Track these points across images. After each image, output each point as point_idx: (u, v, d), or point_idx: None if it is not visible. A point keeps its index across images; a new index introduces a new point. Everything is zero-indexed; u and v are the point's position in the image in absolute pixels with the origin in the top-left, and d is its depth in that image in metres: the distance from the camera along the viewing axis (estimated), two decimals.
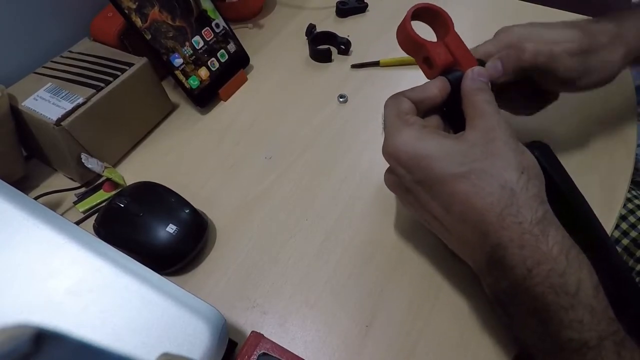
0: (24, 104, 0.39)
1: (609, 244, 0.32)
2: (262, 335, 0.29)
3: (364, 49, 0.54)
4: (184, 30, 0.46)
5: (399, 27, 0.32)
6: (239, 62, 0.52)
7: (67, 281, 0.24)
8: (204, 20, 0.48)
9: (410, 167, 0.28)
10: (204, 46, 0.48)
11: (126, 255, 0.26)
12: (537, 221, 0.25)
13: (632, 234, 0.45)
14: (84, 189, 0.42)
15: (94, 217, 0.38)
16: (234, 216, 0.39)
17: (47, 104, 0.39)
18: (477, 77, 0.30)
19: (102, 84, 0.40)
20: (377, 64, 0.52)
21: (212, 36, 0.49)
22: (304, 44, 0.55)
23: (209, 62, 0.49)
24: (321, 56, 0.53)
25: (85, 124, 0.39)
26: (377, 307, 0.33)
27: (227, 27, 0.50)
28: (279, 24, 0.59)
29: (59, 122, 0.37)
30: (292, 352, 0.29)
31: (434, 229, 0.30)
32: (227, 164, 0.44)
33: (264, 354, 0.28)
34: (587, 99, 0.38)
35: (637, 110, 0.45)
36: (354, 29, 0.57)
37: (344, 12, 0.59)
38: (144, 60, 0.43)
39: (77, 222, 0.39)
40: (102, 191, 0.41)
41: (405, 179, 0.29)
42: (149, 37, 0.43)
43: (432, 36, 0.32)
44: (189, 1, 0.46)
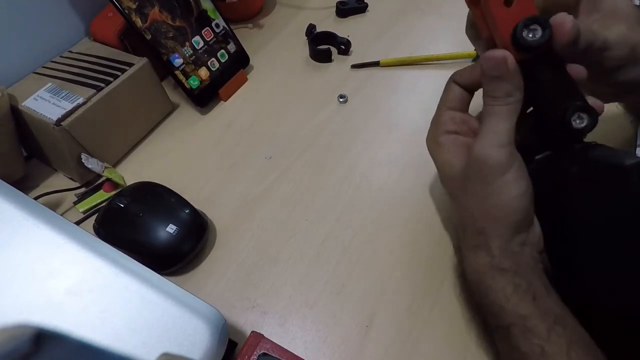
0: (24, 104, 0.39)
1: None
2: (262, 335, 0.29)
3: (364, 49, 0.54)
4: (184, 30, 0.46)
5: None
6: (239, 62, 0.52)
7: (67, 281, 0.24)
8: (204, 20, 0.48)
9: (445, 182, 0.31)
10: (204, 46, 0.48)
11: (126, 255, 0.26)
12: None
13: None
14: (84, 189, 0.42)
15: (94, 217, 0.38)
16: (234, 216, 0.39)
17: (47, 104, 0.39)
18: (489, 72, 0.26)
19: (102, 84, 0.40)
20: (377, 64, 0.52)
21: (212, 36, 0.49)
22: (304, 44, 0.55)
23: (209, 62, 0.49)
24: (321, 56, 0.53)
25: (85, 124, 0.39)
26: (377, 307, 0.33)
27: (227, 27, 0.50)
28: (279, 24, 0.59)
29: (59, 122, 0.37)
30: (292, 352, 0.29)
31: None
32: (227, 164, 0.44)
33: (264, 354, 0.28)
34: None
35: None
36: (354, 29, 0.57)
37: (344, 12, 0.59)
38: (144, 60, 0.43)
39: (77, 222, 0.39)
40: (102, 191, 0.41)
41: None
42: (149, 37, 0.43)
43: None
44: (189, 1, 0.46)
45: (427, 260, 0.35)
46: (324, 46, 0.54)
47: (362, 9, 0.59)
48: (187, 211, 0.36)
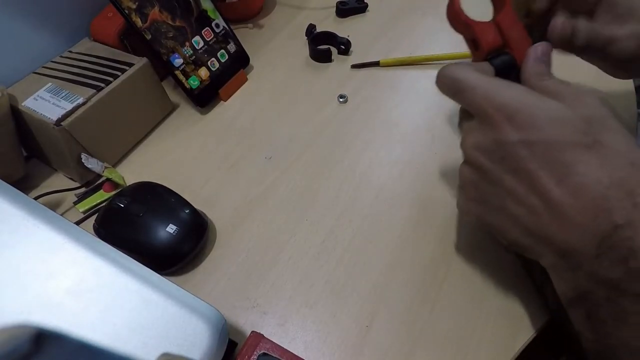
0: (24, 104, 0.39)
1: None
2: (262, 335, 0.29)
3: (364, 49, 0.54)
4: (184, 30, 0.46)
5: (448, 4, 0.29)
6: (239, 62, 0.52)
7: (67, 281, 0.24)
8: (204, 20, 0.48)
9: (524, 124, 0.24)
10: (204, 46, 0.48)
11: (126, 255, 0.26)
12: None
13: None
14: (84, 189, 0.42)
15: (94, 217, 0.38)
16: (234, 216, 0.39)
17: (47, 104, 0.39)
18: (541, 58, 0.27)
19: (102, 84, 0.40)
20: (377, 64, 0.52)
21: (212, 36, 0.49)
22: (304, 44, 0.55)
23: (209, 62, 0.49)
24: (321, 56, 0.53)
25: (85, 124, 0.39)
26: (377, 307, 0.33)
27: (227, 27, 0.50)
28: (279, 24, 0.59)
29: (59, 122, 0.37)
30: (292, 352, 0.29)
31: (513, 209, 0.25)
32: (227, 164, 0.44)
33: (264, 354, 0.28)
34: None
35: (637, 110, 0.45)
36: (354, 29, 0.57)
37: (344, 12, 0.59)
38: (144, 60, 0.43)
39: (77, 222, 0.39)
40: (102, 191, 0.41)
41: (509, 139, 0.24)
42: (149, 37, 0.43)
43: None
44: (189, 1, 0.46)
45: (427, 260, 0.35)
46: (324, 46, 0.54)
47: (362, 9, 0.59)
48: (187, 211, 0.36)
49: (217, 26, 0.49)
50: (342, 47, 0.53)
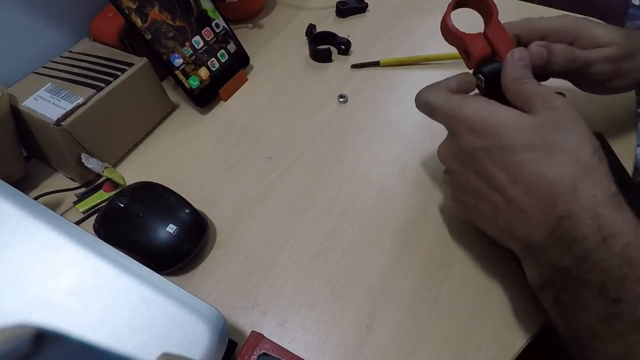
0: (24, 104, 0.39)
1: None
2: (262, 335, 0.29)
3: (364, 49, 0.54)
4: (184, 30, 0.46)
5: (441, 20, 0.32)
6: (239, 62, 0.52)
7: (67, 281, 0.24)
8: (204, 20, 0.48)
9: (481, 132, 0.27)
10: (204, 46, 0.48)
11: (126, 255, 0.26)
12: (611, 195, 0.24)
13: None
14: (84, 189, 0.42)
15: (94, 217, 0.38)
16: (234, 216, 0.39)
17: (47, 104, 0.39)
18: (517, 64, 0.29)
19: (102, 84, 0.40)
20: (377, 64, 0.52)
21: (212, 36, 0.49)
22: (304, 44, 0.55)
23: (209, 62, 0.49)
24: (321, 56, 0.53)
25: (85, 124, 0.39)
26: (377, 307, 0.33)
27: (227, 27, 0.50)
28: (279, 24, 0.59)
29: (59, 122, 0.37)
30: (292, 352, 0.29)
31: (483, 206, 0.29)
32: (227, 164, 0.44)
33: (264, 354, 0.28)
34: (586, 99, 0.38)
35: (637, 110, 0.45)
36: (354, 29, 0.57)
37: (344, 12, 0.59)
38: (144, 60, 0.43)
39: (77, 222, 0.39)
40: (102, 191, 0.41)
41: (470, 146, 0.28)
42: (149, 37, 0.43)
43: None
44: (189, 1, 0.46)
45: (427, 260, 0.35)
46: (324, 46, 0.54)
47: (362, 9, 0.59)
48: (187, 211, 0.36)
49: (217, 26, 0.49)
50: (342, 47, 0.53)
